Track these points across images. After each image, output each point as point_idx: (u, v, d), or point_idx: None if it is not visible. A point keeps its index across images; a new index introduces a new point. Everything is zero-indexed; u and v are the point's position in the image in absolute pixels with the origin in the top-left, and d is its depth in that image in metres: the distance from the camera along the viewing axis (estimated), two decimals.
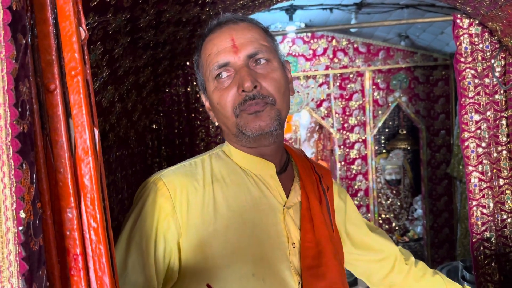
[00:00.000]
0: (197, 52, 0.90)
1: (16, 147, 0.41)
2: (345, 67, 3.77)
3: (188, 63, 2.39)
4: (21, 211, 0.41)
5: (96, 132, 0.51)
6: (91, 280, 0.50)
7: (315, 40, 3.74)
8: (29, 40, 0.46)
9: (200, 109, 2.48)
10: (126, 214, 0.83)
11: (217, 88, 0.83)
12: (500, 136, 1.91)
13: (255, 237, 0.80)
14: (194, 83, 2.45)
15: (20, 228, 0.41)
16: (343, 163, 3.92)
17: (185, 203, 0.79)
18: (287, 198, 0.87)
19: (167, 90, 2.37)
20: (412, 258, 1.07)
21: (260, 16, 3.21)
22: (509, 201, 1.91)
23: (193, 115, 2.47)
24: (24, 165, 0.42)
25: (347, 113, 3.85)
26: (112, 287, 0.51)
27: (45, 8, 0.48)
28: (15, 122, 0.41)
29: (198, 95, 2.46)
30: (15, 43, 0.42)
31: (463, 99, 1.91)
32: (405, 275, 1.04)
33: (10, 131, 0.41)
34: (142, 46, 1.38)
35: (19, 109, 0.42)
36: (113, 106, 1.30)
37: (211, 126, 2.51)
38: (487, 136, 1.91)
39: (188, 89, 2.44)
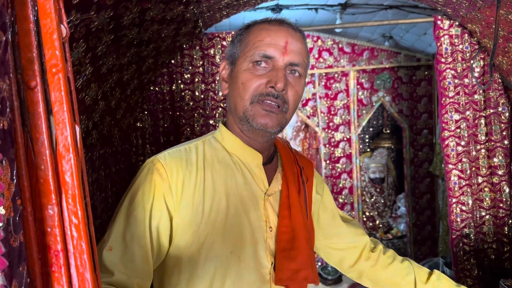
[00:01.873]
0: (245, 29, 0.94)
1: None
2: (330, 66, 3.80)
3: (173, 61, 2.38)
4: (1, 208, 0.41)
5: (77, 129, 0.51)
6: (72, 276, 0.51)
7: None
8: (10, 37, 0.46)
9: (185, 108, 2.48)
10: (125, 191, 0.87)
11: (249, 71, 0.88)
12: (479, 135, 1.96)
13: (237, 219, 0.87)
14: (179, 81, 2.44)
15: (0, 224, 0.41)
16: (328, 161, 3.96)
17: (180, 184, 0.85)
18: (269, 186, 0.94)
19: (151, 88, 2.36)
20: (381, 247, 1.14)
21: (246, 16, 3.22)
22: (487, 199, 1.96)
23: (178, 113, 2.46)
24: (4, 161, 0.42)
25: (332, 112, 3.88)
26: (94, 283, 0.51)
27: (26, 5, 0.48)
28: None
29: (183, 93, 2.45)
30: None
31: (444, 99, 1.96)
32: (373, 263, 1.10)
33: None
34: (126, 44, 1.38)
35: None
36: (96, 103, 1.29)
37: (196, 124, 2.51)
38: (466, 135, 1.96)
39: (173, 87, 2.43)
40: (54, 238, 0.49)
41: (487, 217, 1.97)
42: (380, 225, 4.34)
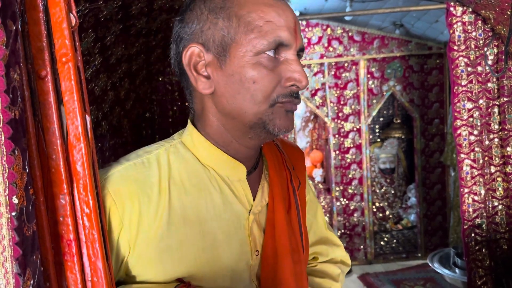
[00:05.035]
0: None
1: (8, 133, 0.41)
2: (340, 55, 3.76)
3: None
4: (14, 197, 0.42)
5: (88, 118, 0.51)
6: (84, 265, 0.51)
7: (310, 28, 3.72)
8: (20, 26, 0.46)
9: None
10: None
11: (262, 65, 0.65)
12: (492, 124, 1.92)
13: (215, 251, 0.70)
14: None
15: (13, 213, 0.42)
16: (337, 152, 3.94)
17: (135, 216, 0.66)
18: (254, 201, 0.76)
19: (160, 79, 2.36)
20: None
21: None
22: (500, 188, 1.94)
23: (187, 104, 2.46)
24: (16, 151, 0.42)
25: (342, 102, 3.85)
26: (106, 272, 0.52)
27: None
28: (6, 108, 0.41)
29: None
30: (5, 29, 0.42)
31: (456, 87, 1.92)
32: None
33: (1, 117, 0.41)
34: (134, 33, 1.37)
35: (10, 95, 0.42)
36: (105, 94, 1.30)
37: None
38: (479, 124, 1.93)
39: None
40: (66, 228, 0.50)
41: (500, 207, 1.95)
42: (390, 216, 4.32)
